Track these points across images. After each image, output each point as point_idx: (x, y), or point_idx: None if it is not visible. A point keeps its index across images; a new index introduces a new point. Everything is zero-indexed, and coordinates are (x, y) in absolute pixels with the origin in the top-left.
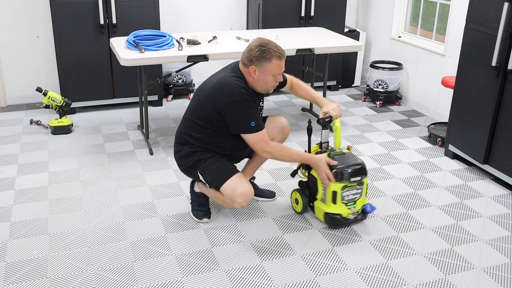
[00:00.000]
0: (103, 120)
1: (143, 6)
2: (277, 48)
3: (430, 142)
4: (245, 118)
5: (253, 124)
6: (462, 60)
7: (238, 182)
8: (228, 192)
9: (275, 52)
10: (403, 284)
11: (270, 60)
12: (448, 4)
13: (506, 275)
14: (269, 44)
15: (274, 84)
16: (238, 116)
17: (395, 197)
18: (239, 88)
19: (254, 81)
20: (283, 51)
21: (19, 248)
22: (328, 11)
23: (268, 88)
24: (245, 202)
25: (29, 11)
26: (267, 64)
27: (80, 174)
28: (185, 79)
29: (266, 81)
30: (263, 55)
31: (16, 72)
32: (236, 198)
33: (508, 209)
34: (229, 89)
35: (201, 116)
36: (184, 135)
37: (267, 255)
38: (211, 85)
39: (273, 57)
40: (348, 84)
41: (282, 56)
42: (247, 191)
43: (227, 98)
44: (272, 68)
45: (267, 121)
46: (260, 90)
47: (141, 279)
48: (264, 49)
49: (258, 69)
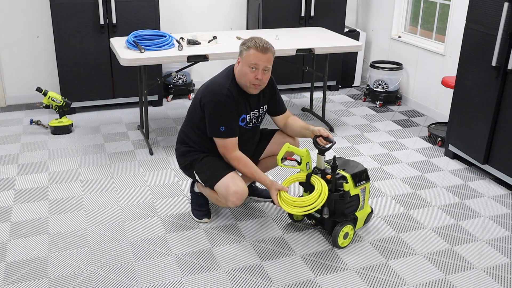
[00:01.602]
0: (103, 120)
1: (143, 6)
2: (261, 41)
3: (430, 142)
4: (217, 120)
5: (223, 129)
6: (462, 60)
7: (231, 180)
8: (222, 190)
9: (256, 43)
10: (403, 284)
11: (249, 48)
12: (448, 4)
13: (506, 275)
14: (256, 37)
15: (251, 79)
16: (213, 116)
17: (395, 197)
18: (222, 89)
19: (238, 75)
20: (267, 46)
21: (19, 248)
22: (328, 11)
23: (247, 81)
24: (238, 200)
25: (29, 11)
26: (245, 52)
27: (80, 174)
28: (185, 79)
29: (244, 73)
30: (245, 44)
31: (16, 72)
32: (229, 196)
33: (508, 209)
34: (213, 88)
35: (193, 117)
36: (182, 134)
37: (267, 255)
38: (204, 87)
39: (252, 47)
40: (348, 84)
41: (262, 49)
42: (240, 189)
43: (208, 96)
44: (248, 56)
45: (276, 135)
46: (243, 86)
47: (141, 279)
48: (248, 40)
49: (240, 59)
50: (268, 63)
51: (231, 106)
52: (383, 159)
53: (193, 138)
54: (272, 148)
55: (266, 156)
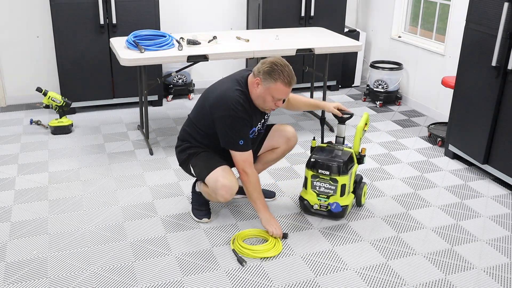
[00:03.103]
0: (103, 120)
1: (143, 6)
2: (288, 73)
3: (430, 142)
4: (234, 135)
5: (241, 143)
6: (462, 60)
7: (222, 174)
8: (211, 183)
9: (284, 76)
10: (403, 284)
11: (276, 81)
12: (448, 4)
13: (506, 275)
14: (283, 66)
15: (271, 106)
16: (228, 130)
17: (395, 197)
18: (237, 104)
19: (255, 94)
20: (293, 79)
21: (19, 248)
22: (328, 11)
23: (265, 107)
24: (227, 194)
25: (29, 11)
26: (271, 83)
27: (80, 174)
28: (185, 79)
29: (264, 99)
30: (271, 73)
31: (16, 72)
32: (218, 190)
33: (508, 209)
34: (226, 102)
35: (201, 120)
36: (185, 132)
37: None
38: (215, 95)
39: (279, 80)
40: (348, 84)
41: (289, 83)
42: (229, 183)
43: (222, 110)
44: (274, 89)
45: (274, 129)
46: (258, 106)
47: (141, 279)
48: (275, 68)
49: (261, 84)
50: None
51: (248, 122)
52: (383, 159)
53: (197, 138)
54: (270, 143)
55: (265, 150)
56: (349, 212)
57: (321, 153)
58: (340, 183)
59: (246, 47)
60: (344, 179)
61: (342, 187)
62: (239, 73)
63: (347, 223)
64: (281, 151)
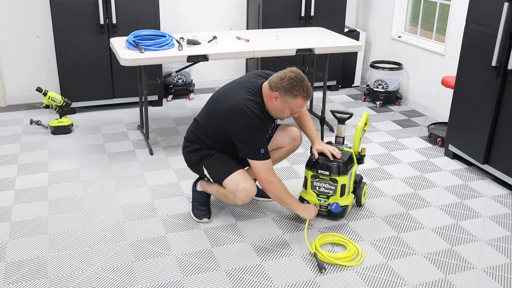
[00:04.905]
0: (103, 120)
1: (143, 6)
2: (307, 88)
3: (430, 142)
4: (254, 144)
5: (263, 151)
6: (462, 60)
7: (242, 177)
8: (231, 186)
9: (304, 91)
10: (403, 284)
11: (296, 97)
12: (448, 4)
13: (506, 275)
14: (302, 81)
15: (287, 116)
16: (248, 141)
17: (395, 197)
18: (254, 115)
19: (272, 107)
20: (311, 93)
21: (19, 248)
22: (328, 11)
23: (281, 117)
24: (247, 198)
25: (29, 11)
26: (291, 99)
27: (80, 174)
28: (185, 79)
29: (282, 112)
30: (292, 90)
31: (16, 72)
32: (238, 193)
33: (508, 209)
34: (243, 115)
35: (211, 126)
36: (193, 134)
37: (267, 255)
38: (228, 105)
39: (299, 96)
40: (348, 84)
41: (308, 97)
42: (249, 187)
43: (239, 122)
44: (294, 104)
45: (279, 128)
46: (273, 116)
47: (141, 279)
48: (295, 85)
49: (280, 98)
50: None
51: (265, 132)
52: (383, 159)
53: (206, 141)
54: (275, 142)
55: (271, 149)
56: (349, 212)
57: (321, 153)
58: (340, 183)
59: (246, 47)
60: (344, 179)
61: (342, 187)
62: (250, 79)
63: (347, 223)
64: (286, 151)
